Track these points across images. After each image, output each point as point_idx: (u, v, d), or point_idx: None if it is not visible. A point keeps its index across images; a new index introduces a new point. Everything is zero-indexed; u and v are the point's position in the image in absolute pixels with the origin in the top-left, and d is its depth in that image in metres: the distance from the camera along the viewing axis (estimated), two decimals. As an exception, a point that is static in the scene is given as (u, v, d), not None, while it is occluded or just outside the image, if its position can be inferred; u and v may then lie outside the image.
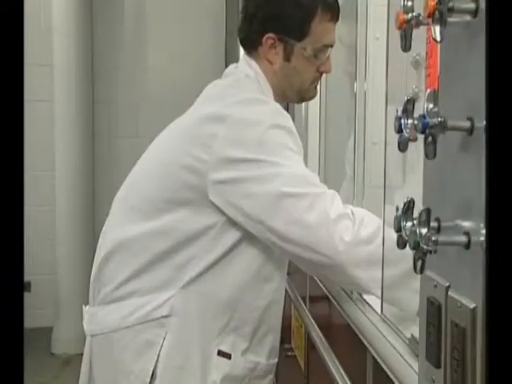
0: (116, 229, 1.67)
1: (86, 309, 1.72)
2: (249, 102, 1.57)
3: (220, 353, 1.59)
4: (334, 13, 1.65)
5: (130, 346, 1.59)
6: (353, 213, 1.47)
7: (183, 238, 1.56)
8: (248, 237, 1.55)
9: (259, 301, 1.62)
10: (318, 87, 1.75)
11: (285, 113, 1.58)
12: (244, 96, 1.59)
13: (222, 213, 1.53)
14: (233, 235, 1.55)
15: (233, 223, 1.54)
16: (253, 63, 1.67)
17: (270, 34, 1.63)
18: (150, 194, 1.61)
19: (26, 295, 4.36)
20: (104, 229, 1.73)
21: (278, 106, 1.59)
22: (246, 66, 1.68)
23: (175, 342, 1.58)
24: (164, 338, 1.57)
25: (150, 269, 1.59)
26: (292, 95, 1.71)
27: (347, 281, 1.50)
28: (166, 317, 1.57)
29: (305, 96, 1.75)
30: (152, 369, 1.57)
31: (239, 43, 1.73)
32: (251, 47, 1.68)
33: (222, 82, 1.70)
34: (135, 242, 1.61)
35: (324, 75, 1.74)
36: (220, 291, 1.58)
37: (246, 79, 1.66)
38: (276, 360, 1.73)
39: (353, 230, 1.44)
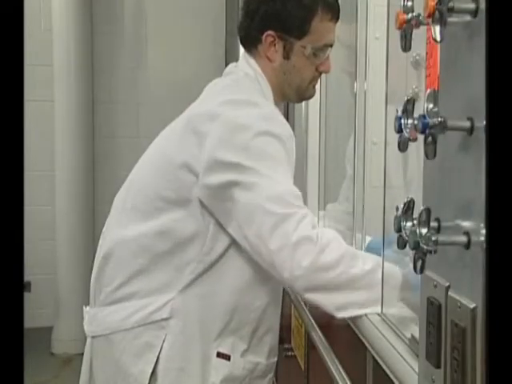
0: (116, 228, 1.67)
1: (86, 309, 1.72)
2: (241, 103, 1.56)
3: (219, 354, 1.59)
4: (334, 12, 1.65)
5: (130, 348, 1.59)
6: (318, 237, 1.43)
7: (181, 238, 1.56)
8: None
9: (258, 301, 1.61)
10: (318, 87, 1.75)
11: (277, 117, 1.56)
12: (238, 97, 1.59)
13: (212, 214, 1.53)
14: (227, 237, 1.54)
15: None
16: (252, 61, 1.67)
17: (270, 32, 1.63)
18: (149, 192, 1.61)
19: (26, 295, 4.35)
20: (104, 229, 1.73)
21: (271, 110, 1.58)
22: (245, 65, 1.68)
23: (175, 344, 1.58)
24: (164, 340, 1.57)
25: (149, 270, 1.59)
26: (291, 94, 1.70)
27: (312, 303, 1.50)
28: (166, 319, 1.57)
29: (304, 95, 1.74)
30: (151, 371, 1.57)
31: (239, 41, 1.73)
32: (251, 45, 1.68)
33: (222, 82, 1.70)
34: (135, 242, 1.61)
35: (324, 75, 1.74)
36: (220, 293, 1.58)
37: (246, 78, 1.66)
38: (275, 359, 1.73)
39: (313, 256, 1.41)
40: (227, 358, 1.60)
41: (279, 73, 1.66)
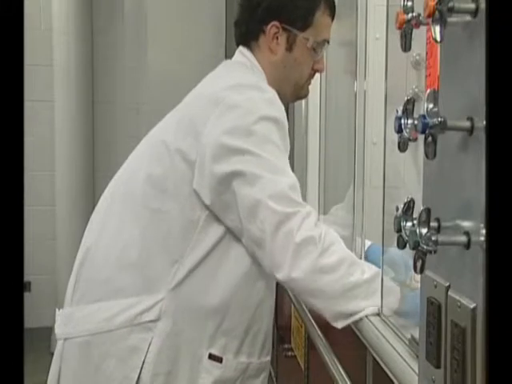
0: (104, 218, 1.64)
1: (59, 312, 1.64)
2: (244, 87, 1.56)
3: (211, 356, 1.54)
4: (332, 9, 1.67)
5: (112, 352, 1.52)
6: (321, 237, 1.42)
7: (169, 233, 1.52)
8: (234, 234, 1.51)
9: (251, 299, 1.57)
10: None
11: (278, 101, 1.55)
12: (240, 81, 1.58)
13: (206, 207, 1.50)
14: (217, 231, 1.51)
15: (216, 219, 1.51)
16: (248, 54, 1.66)
17: (275, 23, 1.62)
18: (140, 178, 1.58)
19: (26, 295, 4.36)
20: (91, 219, 1.70)
21: (273, 94, 1.56)
22: (240, 56, 1.68)
23: (163, 347, 1.51)
24: (150, 344, 1.50)
25: (138, 265, 1.53)
26: (288, 90, 1.66)
27: (309, 306, 1.48)
28: (153, 321, 1.51)
29: (300, 93, 1.73)
30: (137, 377, 1.50)
31: (235, 37, 1.71)
32: (252, 38, 1.66)
33: (220, 70, 1.71)
34: (123, 233, 1.56)
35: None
36: (212, 292, 1.52)
37: (242, 66, 1.66)
38: (268, 358, 1.68)
39: (314, 257, 1.41)
40: (219, 360, 1.54)
41: (279, 66, 1.64)
